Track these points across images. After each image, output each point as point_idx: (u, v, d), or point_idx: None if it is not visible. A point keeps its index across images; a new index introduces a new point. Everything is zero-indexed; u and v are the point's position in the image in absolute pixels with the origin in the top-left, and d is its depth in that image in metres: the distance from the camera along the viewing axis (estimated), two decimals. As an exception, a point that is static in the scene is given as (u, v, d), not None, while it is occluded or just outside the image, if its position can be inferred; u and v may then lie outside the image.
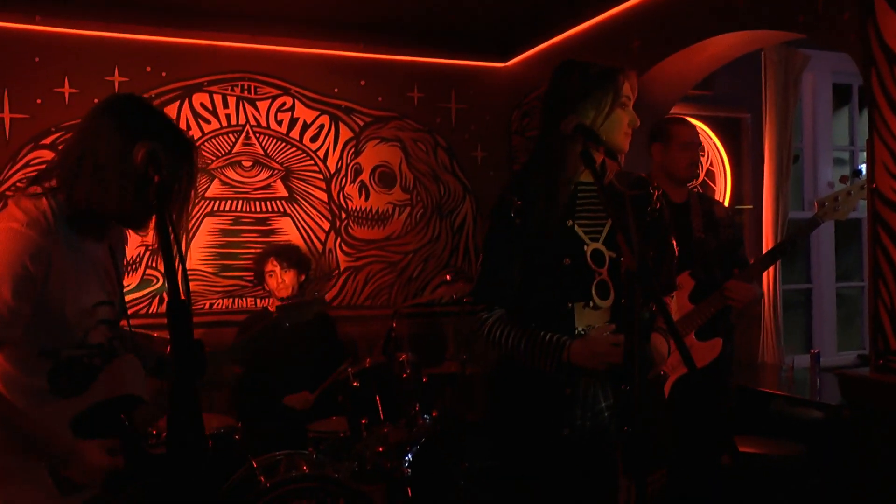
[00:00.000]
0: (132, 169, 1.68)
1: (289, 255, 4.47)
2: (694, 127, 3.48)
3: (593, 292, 2.12)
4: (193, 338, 1.30)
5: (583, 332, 2.12)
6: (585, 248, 2.14)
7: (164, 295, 4.76)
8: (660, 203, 2.28)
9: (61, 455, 1.76)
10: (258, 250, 4.79)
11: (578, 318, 2.13)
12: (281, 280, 4.38)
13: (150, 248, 4.69)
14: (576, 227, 2.15)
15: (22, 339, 1.76)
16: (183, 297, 1.33)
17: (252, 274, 4.73)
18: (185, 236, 4.74)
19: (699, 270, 3.30)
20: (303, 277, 4.50)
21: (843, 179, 3.24)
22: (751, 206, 5.52)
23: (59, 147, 1.89)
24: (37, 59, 4.52)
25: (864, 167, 3.18)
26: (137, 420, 1.92)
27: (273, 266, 4.39)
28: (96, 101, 1.95)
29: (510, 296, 2.20)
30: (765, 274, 4.88)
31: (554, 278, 2.13)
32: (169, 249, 1.42)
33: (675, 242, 3.22)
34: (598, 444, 2.12)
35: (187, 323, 1.32)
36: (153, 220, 1.68)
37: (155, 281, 4.72)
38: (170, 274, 1.40)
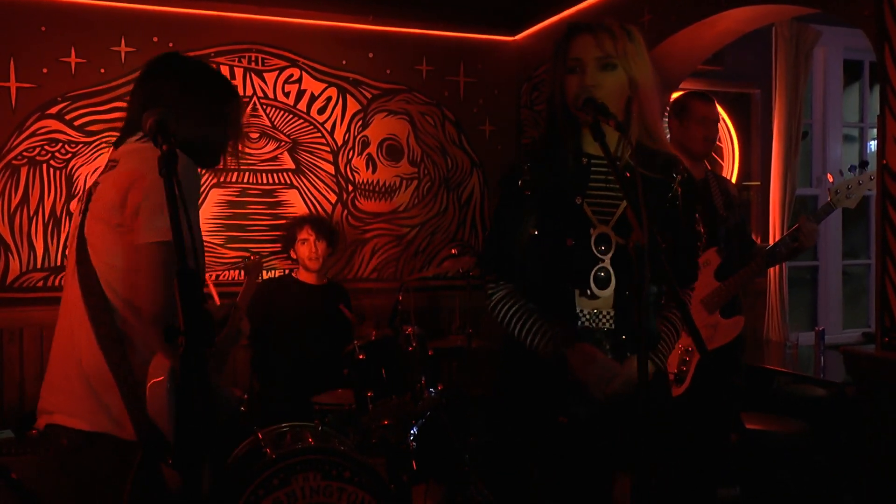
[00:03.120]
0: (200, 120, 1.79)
1: (324, 226, 4.49)
2: (712, 102, 3.43)
3: (591, 280, 1.99)
4: (203, 307, 1.30)
5: (585, 320, 2.02)
6: (592, 230, 2.00)
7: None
8: (681, 189, 2.11)
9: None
10: (265, 222, 4.79)
11: (578, 303, 2.02)
12: (314, 248, 4.39)
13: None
14: (585, 205, 2.01)
15: None
16: (191, 265, 1.33)
17: (263, 245, 4.74)
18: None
19: (724, 249, 3.31)
20: (329, 251, 4.51)
21: (851, 169, 3.25)
22: (758, 183, 5.50)
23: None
24: (43, 29, 4.49)
25: (871, 158, 3.17)
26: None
27: (309, 234, 4.40)
28: (102, 71, 2.05)
29: (516, 270, 2.10)
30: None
31: (555, 259, 2.02)
32: (178, 219, 1.42)
33: (701, 224, 3.22)
34: (594, 435, 2.02)
35: (196, 291, 1.32)
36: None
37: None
38: (178, 243, 1.39)
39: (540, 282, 2.06)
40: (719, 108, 5.36)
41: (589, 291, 2.00)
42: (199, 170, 1.98)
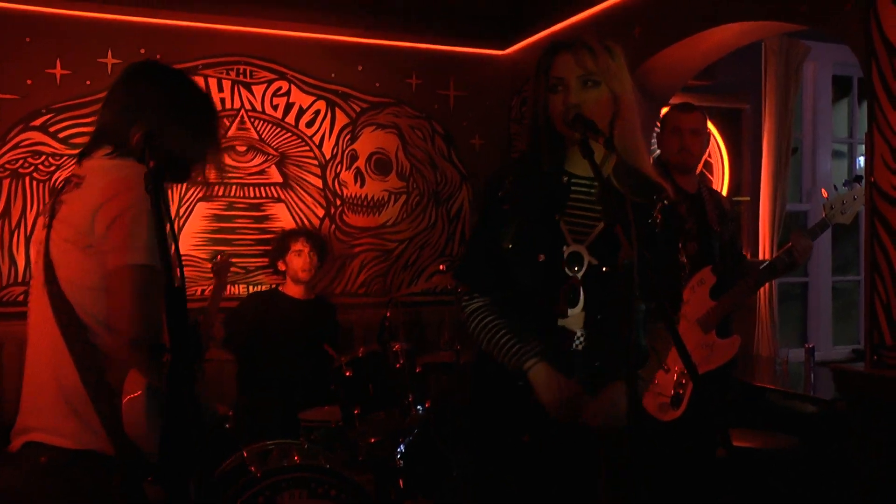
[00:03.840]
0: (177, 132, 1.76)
1: (317, 239, 4.54)
2: (691, 112, 3.34)
3: (560, 297, 1.99)
4: (189, 324, 1.31)
5: (550, 341, 2.00)
6: (565, 248, 2.00)
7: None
8: (661, 217, 2.10)
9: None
10: (252, 236, 4.80)
11: (547, 321, 2.00)
12: (308, 260, 4.42)
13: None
14: (561, 222, 2.02)
15: None
16: (177, 284, 1.34)
17: (250, 260, 4.75)
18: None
19: (720, 265, 3.27)
20: (318, 266, 4.54)
21: (844, 184, 3.26)
22: (748, 198, 5.54)
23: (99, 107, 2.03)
24: (28, 40, 4.50)
25: (862, 174, 3.19)
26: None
27: (304, 246, 4.42)
28: (88, 83, 2.04)
29: (491, 283, 2.10)
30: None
31: (527, 273, 2.02)
32: (164, 235, 1.43)
33: (696, 242, 3.19)
34: (559, 455, 2.01)
35: (183, 308, 1.33)
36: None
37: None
38: (165, 259, 1.40)
39: (511, 297, 2.07)
40: (709, 123, 5.43)
41: (555, 309, 1.99)
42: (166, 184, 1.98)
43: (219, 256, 4.29)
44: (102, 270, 1.80)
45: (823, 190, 3.38)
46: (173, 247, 1.41)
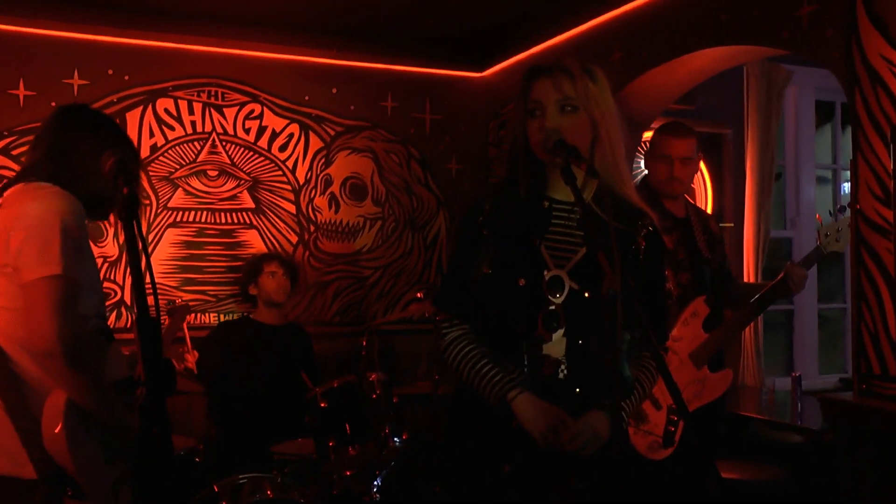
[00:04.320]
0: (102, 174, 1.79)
1: (290, 264, 4.56)
2: (683, 137, 3.26)
3: (540, 322, 2.00)
4: (162, 355, 1.31)
5: (530, 367, 2.01)
6: (546, 272, 2.01)
7: (123, 309, 4.73)
8: (645, 244, 2.11)
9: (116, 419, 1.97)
10: (223, 263, 4.78)
11: (527, 347, 2.01)
12: (283, 282, 4.42)
13: (108, 259, 4.67)
14: (542, 247, 2.04)
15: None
16: (153, 314, 1.34)
17: (221, 288, 4.73)
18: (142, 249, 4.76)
19: (712, 296, 3.23)
20: (290, 293, 4.54)
21: (831, 214, 3.24)
22: (731, 224, 5.60)
23: (27, 148, 2.20)
24: (-11, 59, 4.49)
25: (846, 201, 3.20)
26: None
27: (277, 269, 4.42)
28: (54, 104, 2.15)
29: (470, 310, 2.11)
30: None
31: (506, 299, 2.03)
32: (138, 264, 1.43)
33: (688, 272, 3.17)
34: (539, 485, 2.00)
35: (157, 340, 1.34)
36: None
37: (112, 294, 4.68)
38: (138, 289, 1.41)
39: (491, 323, 2.08)
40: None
41: (537, 333, 2.00)
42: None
43: (178, 301, 4.31)
44: (18, 289, 1.90)
45: (818, 216, 3.34)
46: (147, 276, 1.42)
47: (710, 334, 3.20)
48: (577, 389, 2.01)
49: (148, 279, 1.41)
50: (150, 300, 1.38)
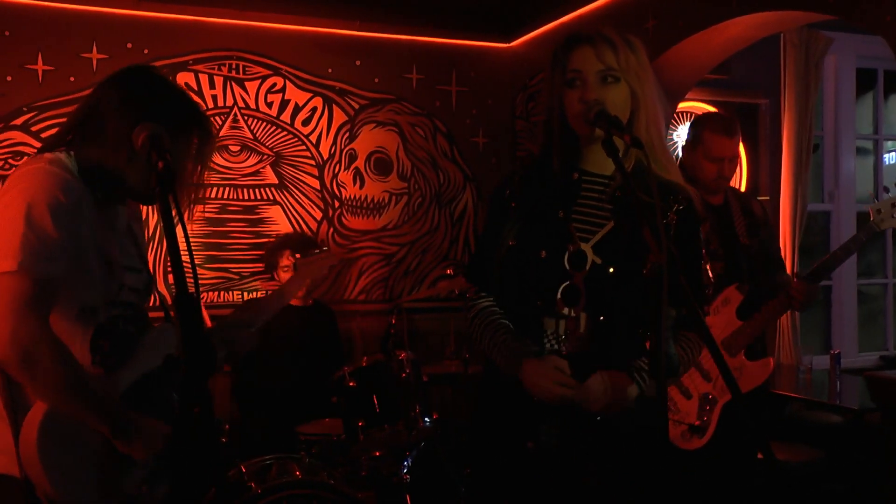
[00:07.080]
0: (134, 150, 1.70)
1: (305, 248, 4.47)
2: (733, 136, 3.24)
3: (559, 296, 1.99)
4: (204, 335, 1.32)
5: (552, 341, 2.01)
6: (571, 245, 2.00)
7: (160, 287, 4.76)
8: (677, 219, 2.07)
9: (123, 428, 1.78)
10: (246, 240, 4.80)
11: (547, 321, 2.02)
12: None
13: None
14: (567, 220, 2.03)
15: (65, 287, 1.77)
16: (192, 290, 1.34)
17: (244, 266, 4.74)
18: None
19: (747, 282, 3.21)
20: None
21: (885, 190, 3.19)
22: (767, 198, 5.55)
23: (63, 118, 1.97)
24: (7, 33, 4.50)
25: (887, 172, 3.15)
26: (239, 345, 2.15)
27: (289, 261, 4.41)
28: (72, 79, 2.00)
29: (496, 283, 2.13)
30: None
31: (527, 272, 2.04)
32: (174, 239, 1.43)
33: (723, 262, 3.14)
34: (564, 463, 2.00)
35: (196, 317, 1.33)
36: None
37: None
38: (176, 265, 1.40)
39: (513, 295, 2.08)
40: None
41: (555, 308, 2.00)
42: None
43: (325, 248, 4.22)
44: None
45: (871, 209, 3.21)
46: (186, 255, 1.41)
47: (744, 321, 3.18)
48: (596, 367, 1.99)
49: (186, 257, 1.39)
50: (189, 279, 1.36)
